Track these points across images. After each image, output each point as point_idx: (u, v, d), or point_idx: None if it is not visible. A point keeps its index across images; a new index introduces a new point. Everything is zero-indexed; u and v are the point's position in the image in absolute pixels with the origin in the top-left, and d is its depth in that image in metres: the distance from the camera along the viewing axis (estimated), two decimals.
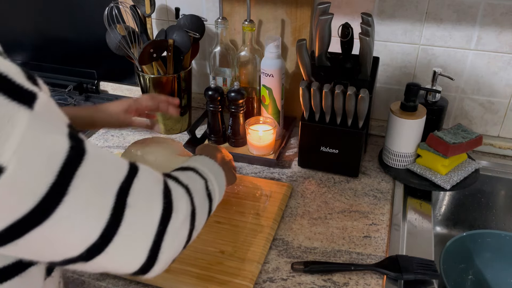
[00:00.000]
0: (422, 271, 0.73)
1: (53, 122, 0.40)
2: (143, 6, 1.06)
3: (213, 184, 0.63)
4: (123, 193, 0.45)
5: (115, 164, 0.46)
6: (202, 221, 0.58)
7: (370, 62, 0.90)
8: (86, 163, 0.41)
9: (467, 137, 0.94)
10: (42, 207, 0.38)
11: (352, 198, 0.92)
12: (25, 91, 0.38)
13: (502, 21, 0.94)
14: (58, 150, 0.39)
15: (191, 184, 0.57)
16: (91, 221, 0.42)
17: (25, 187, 0.37)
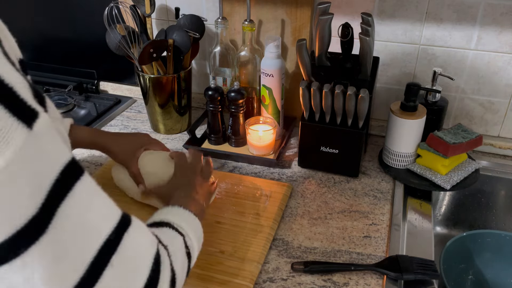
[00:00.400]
0: (422, 271, 0.73)
1: (49, 148, 0.37)
2: (143, 6, 1.06)
3: (191, 239, 0.59)
4: (108, 248, 0.40)
5: (104, 210, 0.42)
6: (180, 284, 0.53)
7: (370, 62, 0.90)
8: (72, 200, 0.38)
9: (467, 137, 0.94)
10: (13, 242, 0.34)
11: (352, 198, 0.92)
12: (27, 108, 0.35)
13: (502, 21, 0.94)
14: (46, 180, 0.36)
15: (170, 245, 0.52)
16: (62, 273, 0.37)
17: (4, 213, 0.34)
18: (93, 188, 0.42)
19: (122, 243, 0.42)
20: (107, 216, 0.42)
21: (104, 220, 0.42)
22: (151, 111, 1.13)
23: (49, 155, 0.37)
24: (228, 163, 1.03)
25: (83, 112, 1.27)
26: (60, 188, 0.37)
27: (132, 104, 1.31)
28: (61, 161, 0.38)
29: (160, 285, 0.46)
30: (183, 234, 0.58)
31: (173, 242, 0.54)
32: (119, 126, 1.19)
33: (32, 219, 0.35)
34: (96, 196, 0.42)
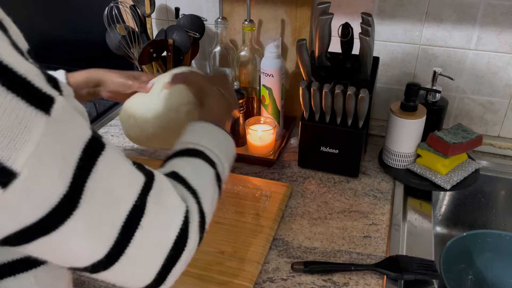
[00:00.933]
0: (422, 271, 0.73)
1: (70, 129, 0.39)
2: (143, 6, 1.06)
3: (223, 164, 0.59)
4: (136, 211, 0.43)
5: (129, 177, 0.44)
6: (210, 216, 0.55)
7: (370, 62, 0.90)
8: (97, 175, 0.40)
9: (467, 137, 0.94)
10: (50, 218, 0.37)
11: (352, 198, 0.92)
12: (43, 95, 0.37)
13: (502, 21, 0.94)
14: (71, 159, 0.38)
15: (200, 185, 0.53)
16: (98, 239, 0.41)
17: (36, 195, 0.36)
18: (115, 159, 0.43)
19: (148, 206, 0.44)
20: (131, 184, 0.44)
21: (128, 187, 0.43)
22: None
23: (70, 136, 0.39)
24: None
25: None
26: (84, 165, 0.39)
27: None
28: (82, 140, 0.40)
29: (190, 239, 0.48)
30: (216, 162, 0.57)
31: (203, 180, 0.55)
32: (119, 126, 1.19)
33: (64, 197, 0.37)
34: (119, 167, 0.43)
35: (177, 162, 0.56)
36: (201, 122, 0.62)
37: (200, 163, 0.56)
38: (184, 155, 0.57)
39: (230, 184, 0.94)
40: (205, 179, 0.55)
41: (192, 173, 0.54)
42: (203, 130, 0.61)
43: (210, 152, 0.58)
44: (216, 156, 0.58)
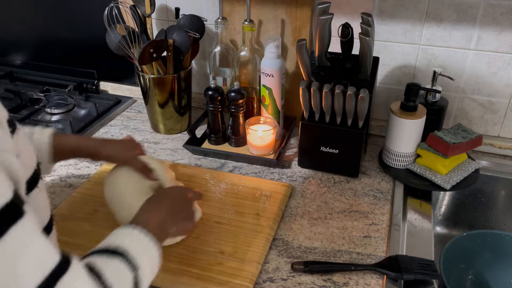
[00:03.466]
0: (422, 271, 0.73)
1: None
2: (143, 6, 1.06)
3: (144, 272, 0.54)
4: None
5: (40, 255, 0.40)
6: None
7: (370, 62, 0.90)
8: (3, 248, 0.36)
9: (467, 137, 0.94)
10: None
11: (352, 198, 0.92)
12: None
13: (502, 21, 0.94)
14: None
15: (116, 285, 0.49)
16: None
17: None
18: (31, 232, 0.40)
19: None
20: (42, 263, 0.40)
21: (37, 266, 0.40)
22: (151, 111, 1.13)
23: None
24: (228, 163, 1.03)
25: (83, 112, 1.27)
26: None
27: (132, 104, 1.31)
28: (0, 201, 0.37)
29: None
30: (137, 267, 0.53)
31: (121, 281, 0.51)
32: (119, 126, 1.19)
33: None
34: (32, 241, 0.40)
35: (98, 258, 0.51)
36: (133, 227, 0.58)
37: (120, 264, 0.52)
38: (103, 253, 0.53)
39: (230, 184, 0.94)
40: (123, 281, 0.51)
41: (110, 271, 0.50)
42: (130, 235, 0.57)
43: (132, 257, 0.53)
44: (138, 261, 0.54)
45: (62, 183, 0.96)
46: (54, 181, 0.97)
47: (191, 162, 1.04)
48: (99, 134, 1.15)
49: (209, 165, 1.02)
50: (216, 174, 0.97)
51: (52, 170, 0.77)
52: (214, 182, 0.94)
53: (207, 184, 0.93)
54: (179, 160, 1.05)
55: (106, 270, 0.49)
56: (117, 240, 0.55)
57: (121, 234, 0.57)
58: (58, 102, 1.29)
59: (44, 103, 1.28)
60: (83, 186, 0.94)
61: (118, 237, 0.56)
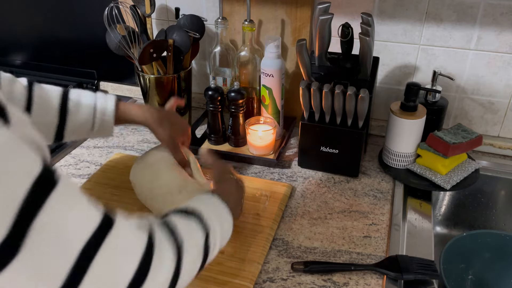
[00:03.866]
0: (422, 271, 0.73)
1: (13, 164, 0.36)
2: (143, 6, 1.06)
3: (216, 236, 0.58)
4: (87, 253, 0.40)
5: (83, 216, 0.41)
6: (185, 283, 0.52)
7: (370, 62, 0.90)
8: (46, 212, 0.37)
9: (467, 137, 0.94)
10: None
11: (352, 198, 0.92)
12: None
13: (502, 21, 0.94)
14: (13, 199, 0.35)
15: (187, 239, 0.52)
16: (45, 281, 0.38)
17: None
18: (69, 196, 0.41)
19: (102, 247, 0.41)
20: (86, 222, 0.41)
21: (82, 226, 0.41)
22: None
23: (15, 171, 0.36)
24: (228, 163, 1.03)
25: None
26: (31, 203, 0.36)
27: None
28: (31, 175, 0.37)
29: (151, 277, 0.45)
30: (210, 230, 0.57)
31: (192, 237, 0.54)
32: (119, 126, 1.19)
33: (4, 241, 0.35)
34: (72, 205, 0.41)
35: (173, 216, 0.55)
36: (214, 196, 0.64)
37: (194, 223, 0.56)
38: (182, 212, 0.57)
39: None
40: (195, 238, 0.54)
41: (185, 227, 0.53)
42: (211, 203, 0.63)
43: (207, 220, 0.57)
44: (212, 225, 0.58)
45: None
46: None
47: None
48: None
49: None
50: None
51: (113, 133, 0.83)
52: None
53: None
54: None
55: (180, 224, 0.53)
56: (197, 204, 0.60)
57: (201, 200, 0.62)
58: None
59: None
60: (83, 186, 0.94)
61: (198, 202, 0.61)
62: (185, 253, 0.51)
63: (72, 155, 1.06)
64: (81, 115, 0.77)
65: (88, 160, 1.05)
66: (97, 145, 1.10)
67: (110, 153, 1.07)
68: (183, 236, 0.52)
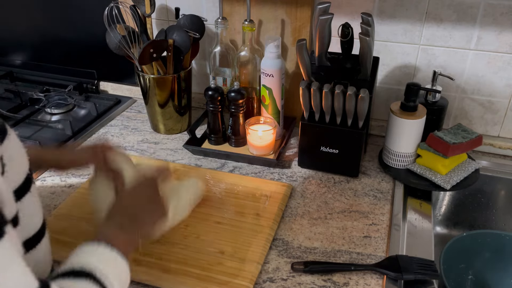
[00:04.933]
0: (422, 271, 0.73)
1: None
2: (143, 6, 1.06)
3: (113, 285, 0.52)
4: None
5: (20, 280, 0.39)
6: None
7: (370, 62, 0.90)
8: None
9: (467, 137, 0.94)
10: None
11: (352, 198, 0.92)
12: None
13: (502, 21, 0.94)
14: None
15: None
16: None
17: None
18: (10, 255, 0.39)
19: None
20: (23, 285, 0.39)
21: None
22: (151, 111, 1.13)
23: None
24: (228, 163, 1.03)
25: (83, 112, 1.27)
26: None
27: (132, 104, 1.31)
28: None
29: None
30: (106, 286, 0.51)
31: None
32: (119, 126, 1.19)
33: None
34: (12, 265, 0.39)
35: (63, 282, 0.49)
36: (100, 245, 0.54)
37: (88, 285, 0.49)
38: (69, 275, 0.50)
39: (230, 184, 0.94)
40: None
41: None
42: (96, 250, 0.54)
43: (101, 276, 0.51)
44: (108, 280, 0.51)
45: (62, 183, 0.96)
46: (54, 181, 0.97)
47: (191, 162, 1.04)
48: (99, 134, 1.15)
49: (209, 165, 1.02)
50: (216, 174, 0.97)
51: None
52: (214, 182, 0.94)
53: (207, 184, 0.93)
54: (179, 160, 1.05)
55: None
56: (82, 260, 0.52)
57: (85, 253, 0.53)
58: (58, 102, 1.29)
59: (44, 103, 1.28)
60: (83, 186, 0.94)
61: (83, 256, 0.53)
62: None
63: None
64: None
65: None
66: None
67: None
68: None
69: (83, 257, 0.52)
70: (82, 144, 0.75)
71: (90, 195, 0.75)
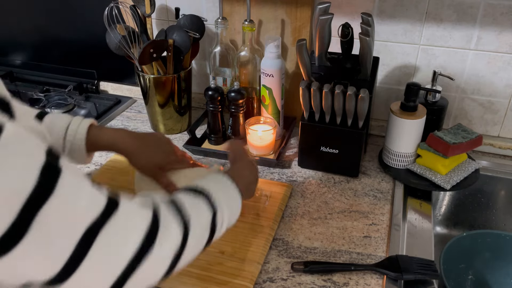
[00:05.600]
0: (422, 271, 0.73)
1: (21, 156, 0.38)
2: (143, 6, 1.06)
3: (223, 215, 0.60)
4: (91, 233, 0.43)
5: (88, 200, 0.44)
6: (190, 257, 0.55)
7: (370, 62, 0.90)
8: (53, 201, 0.39)
9: (467, 137, 0.94)
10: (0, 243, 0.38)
11: (352, 198, 0.92)
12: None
13: (502, 21, 0.94)
14: (21, 188, 0.38)
15: (194, 217, 0.54)
16: (51, 257, 0.41)
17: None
18: (74, 182, 0.43)
19: (106, 226, 0.44)
20: (90, 206, 0.44)
21: (87, 210, 0.43)
22: (151, 111, 1.13)
23: (22, 163, 0.38)
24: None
25: (83, 112, 1.27)
26: (40, 192, 0.39)
27: (132, 104, 1.31)
28: (37, 166, 0.39)
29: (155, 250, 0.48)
30: (217, 209, 0.59)
31: (199, 215, 0.56)
32: (119, 126, 1.19)
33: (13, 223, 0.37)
34: (78, 190, 0.43)
35: (181, 195, 0.57)
36: (224, 176, 0.65)
37: (202, 202, 0.58)
38: (190, 190, 0.59)
39: None
40: (201, 216, 0.56)
41: (191, 203, 0.56)
42: (221, 182, 0.64)
43: (215, 200, 0.59)
44: (220, 205, 0.60)
45: None
46: None
47: None
48: None
49: None
50: None
51: (90, 161, 0.77)
52: None
53: None
54: None
55: (187, 203, 0.55)
56: (205, 182, 0.61)
57: (209, 179, 0.63)
58: (58, 102, 1.29)
59: (44, 103, 1.28)
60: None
61: (207, 180, 0.62)
62: (191, 229, 0.53)
63: None
64: (53, 135, 0.72)
65: None
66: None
67: (110, 153, 1.07)
68: (190, 213, 0.54)
69: (208, 182, 0.62)
70: None
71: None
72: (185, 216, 0.53)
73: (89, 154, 0.75)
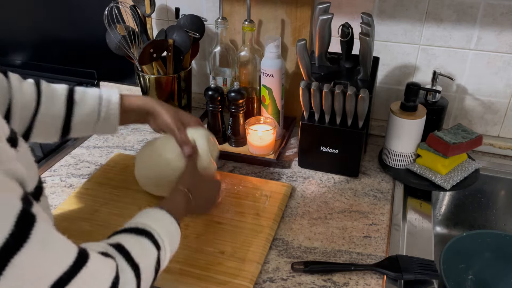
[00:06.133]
0: (422, 271, 0.73)
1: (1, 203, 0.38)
2: (143, 6, 1.06)
3: (166, 253, 0.62)
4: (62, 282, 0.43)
5: (60, 249, 0.44)
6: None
7: (370, 62, 0.90)
8: (24, 251, 0.39)
9: (467, 137, 0.94)
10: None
11: (352, 198, 0.92)
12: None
13: (502, 21, 0.94)
14: None
15: (143, 262, 0.55)
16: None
17: None
18: (47, 229, 0.43)
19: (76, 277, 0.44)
20: (62, 258, 0.44)
21: (58, 262, 0.43)
22: None
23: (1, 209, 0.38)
24: (228, 163, 1.03)
25: None
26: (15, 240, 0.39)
27: None
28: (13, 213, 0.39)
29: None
30: (161, 248, 0.60)
31: (147, 258, 0.57)
32: None
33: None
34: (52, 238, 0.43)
35: (125, 237, 0.58)
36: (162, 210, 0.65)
37: (147, 242, 0.58)
38: (133, 232, 0.59)
39: (230, 184, 0.94)
40: (149, 258, 0.57)
41: (138, 250, 0.56)
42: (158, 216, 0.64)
43: (158, 238, 0.60)
44: (162, 242, 0.60)
45: (62, 183, 0.96)
46: (54, 181, 0.97)
47: None
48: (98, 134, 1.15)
49: None
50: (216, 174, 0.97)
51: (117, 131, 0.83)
52: None
53: None
54: None
55: (134, 248, 0.55)
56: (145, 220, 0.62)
57: (149, 215, 0.64)
58: None
59: None
60: (83, 186, 0.94)
61: (145, 217, 0.63)
62: (142, 272, 0.55)
63: (72, 155, 1.06)
64: (87, 105, 0.78)
65: (88, 160, 1.05)
66: (97, 145, 1.10)
67: (110, 153, 1.07)
68: (138, 258, 0.55)
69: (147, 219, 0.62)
70: None
71: (142, 153, 0.88)
72: (135, 262, 0.54)
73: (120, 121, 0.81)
